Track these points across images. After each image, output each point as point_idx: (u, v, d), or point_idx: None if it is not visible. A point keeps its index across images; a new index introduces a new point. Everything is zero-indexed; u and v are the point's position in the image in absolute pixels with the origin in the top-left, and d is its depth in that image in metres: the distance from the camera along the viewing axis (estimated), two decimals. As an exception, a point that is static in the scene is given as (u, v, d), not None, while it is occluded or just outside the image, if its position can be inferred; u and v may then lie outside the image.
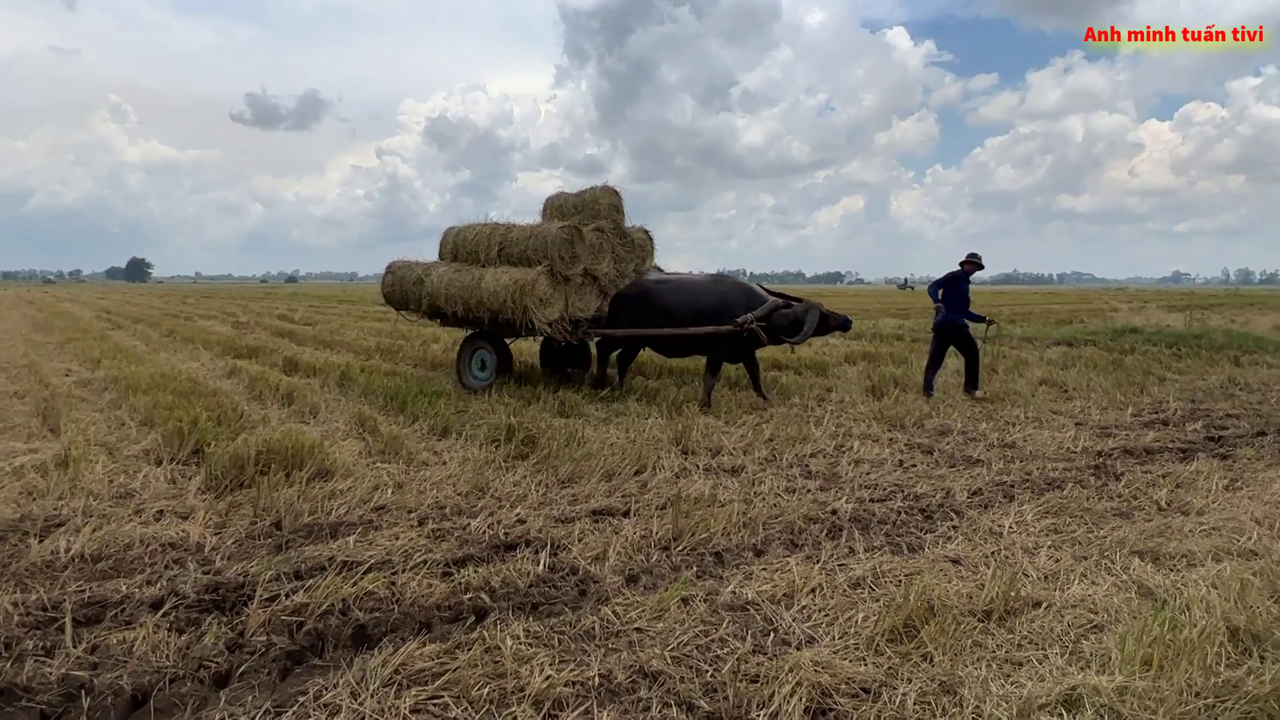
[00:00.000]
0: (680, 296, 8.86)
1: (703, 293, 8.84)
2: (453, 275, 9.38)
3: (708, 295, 8.78)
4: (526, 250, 9.10)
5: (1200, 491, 5.31)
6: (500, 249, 9.35)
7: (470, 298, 9.07)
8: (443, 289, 9.36)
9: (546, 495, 5.17)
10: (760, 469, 5.89)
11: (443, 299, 9.36)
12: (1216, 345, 14.13)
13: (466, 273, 9.32)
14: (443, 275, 9.44)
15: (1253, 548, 4.15)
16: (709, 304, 8.68)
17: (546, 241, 8.92)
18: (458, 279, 9.30)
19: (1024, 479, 5.64)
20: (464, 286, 9.17)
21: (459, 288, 9.23)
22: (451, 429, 6.89)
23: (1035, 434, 7.21)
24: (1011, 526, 4.57)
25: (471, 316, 9.22)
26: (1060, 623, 3.23)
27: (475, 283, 9.08)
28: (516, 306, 8.66)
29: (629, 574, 3.83)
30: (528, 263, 9.04)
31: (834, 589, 3.63)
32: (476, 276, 9.14)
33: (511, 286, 8.70)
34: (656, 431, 6.85)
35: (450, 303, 9.30)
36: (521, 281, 8.67)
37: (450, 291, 9.29)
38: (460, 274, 9.35)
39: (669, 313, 8.77)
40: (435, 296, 9.44)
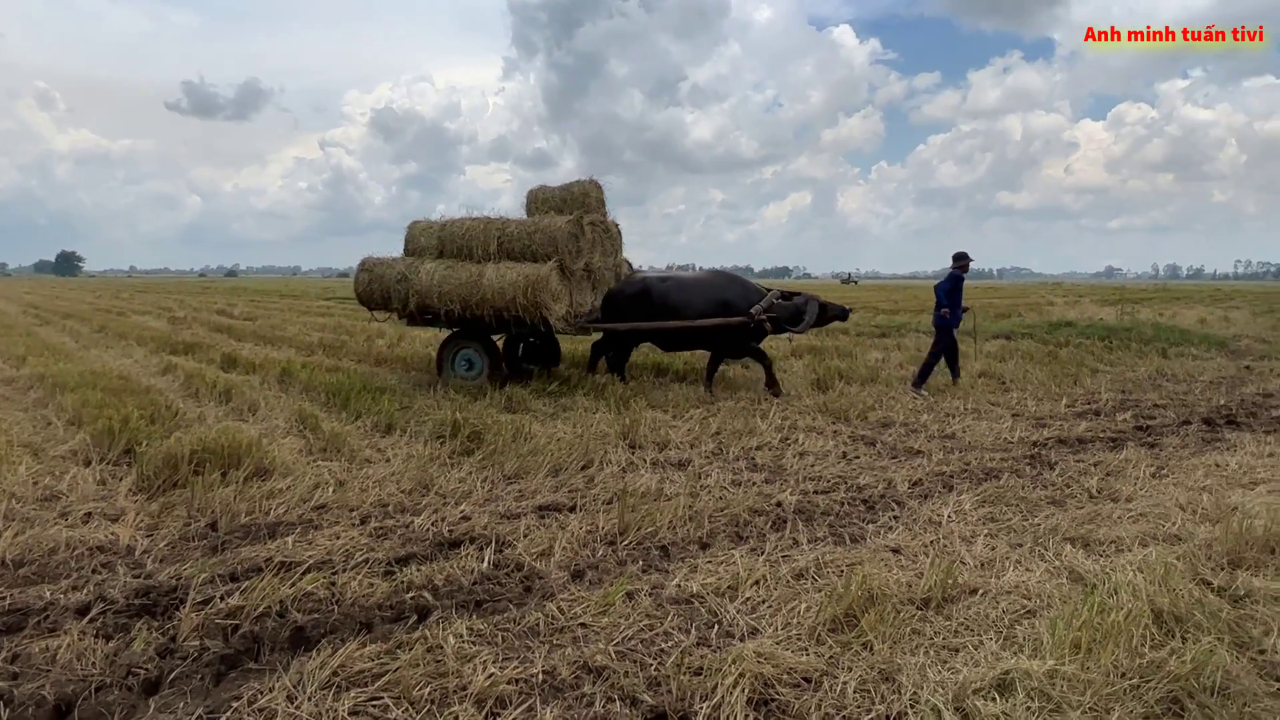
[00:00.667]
0: (686, 293, 8.97)
1: (708, 288, 9.04)
2: (445, 272, 8.98)
3: (713, 290, 9.00)
4: (531, 245, 8.91)
5: (1129, 479, 5.49)
6: (499, 244, 9.05)
7: (469, 295, 8.74)
8: (435, 287, 8.93)
9: (492, 491, 5.13)
10: (707, 462, 5.92)
11: (435, 297, 8.93)
12: (1145, 338, 14.66)
13: (462, 269, 8.95)
14: (432, 272, 9.03)
15: (1177, 532, 4.31)
16: (714, 298, 8.88)
17: (556, 236, 8.81)
18: (452, 276, 8.92)
19: (963, 469, 5.77)
20: (461, 284, 8.82)
21: (454, 285, 8.85)
22: (396, 425, 6.78)
23: (974, 425, 7.38)
24: (950, 516, 4.67)
25: (470, 315, 8.87)
26: (995, 609, 3.31)
27: (474, 280, 8.76)
28: (529, 303, 8.47)
29: (574, 569, 3.82)
30: (533, 258, 8.87)
31: (778, 580, 3.66)
32: (475, 273, 8.82)
33: (522, 282, 8.49)
34: (604, 426, 6.84)
35: (445, 301, 8.89)
36: (533, 277, 8.48)
37: (445, 289, 8.88)
38: (455, 270, 8.97)
39: (676, 309, 8.85)
40: (425, 295, 8.98)
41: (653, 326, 8.91)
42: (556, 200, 9.77)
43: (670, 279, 9.32)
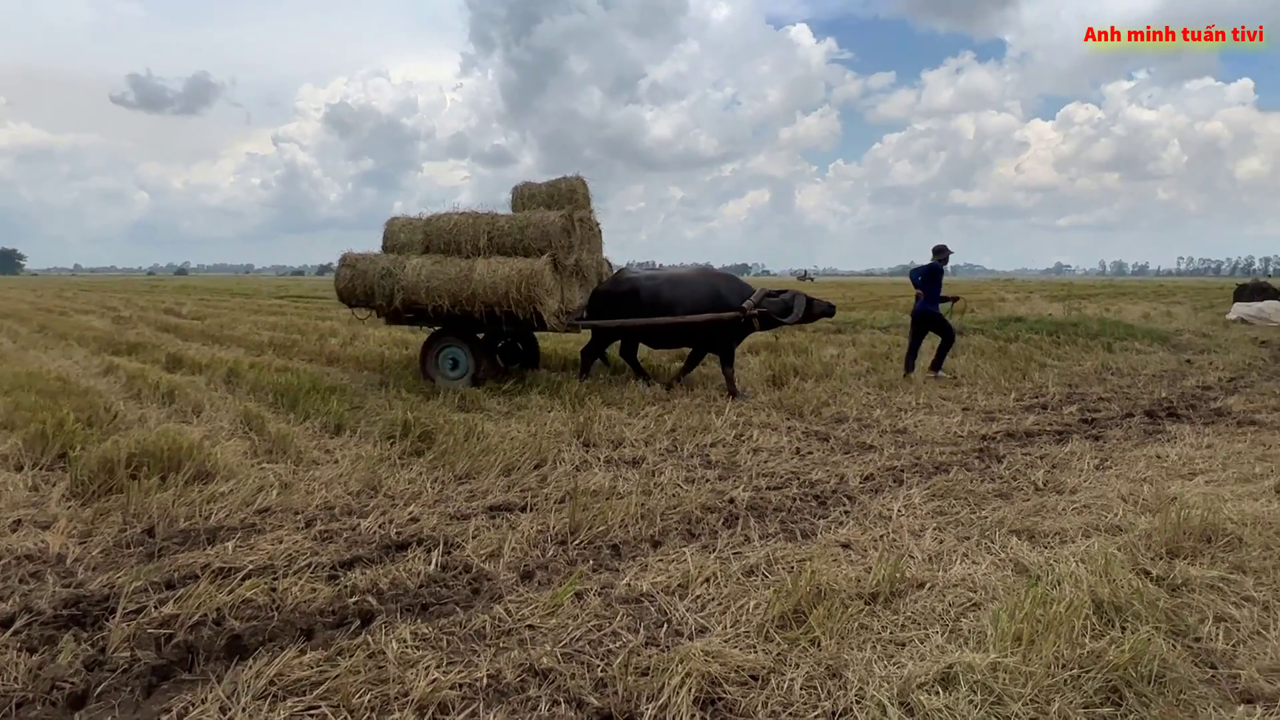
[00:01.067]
0: (678, 290, 8.94)
1: (698, 285, 9.05)
2: (433, 267, 8.78)
3: (703, 287, 9.01)
4: (524, 239, 8.81)
5: (1074, 471, 5.60)
6: (490, 238, 8.94)
7: (459, 291, 8.58)
8: (423, 283, 8.72)
9: (442, 492, 5.05)
10: (661, 459, 5.90)
11: (423, 293, 8.71)
12: (1092, 333, 15.00)
13: (450, 264, 8.77)
14: (419, 268, 8.81)
15: (1118, 523, 4.40)
16: (705, 294, 8.90)
17: (549, 230, 8.72)
18: (441, 271, 8.72)
19: (914, 464, 5.83)
20: (450, 279, 8.64)
21: (443, 280, 8.66)
22: (345, 426, 6.66)
23: (925, 420, 7.47)
24: (900, 510, 4.71)
25: (460, 312, 8.70)
26: (942, 602, 3.34)
27: (464, 275, 8.60)
28: (523, 298, 8.37)
29: (524, 570, 3.77)
30: (525, 253, 8.77)
31: (728, 578, 3.65)
32: (465, 268, 8.67)
33: (515, 277, 8.39)
34: (558, 424, 6.78)
35: (433, 297, 8.68)
36: (526, 272, 8.39)
37: (433, 285, 8.68)
38: (443, 266, 8.78)
39: (668, 305, 8.82)
40: (412, 291, 8.75)
41: (646, 323, 8.87)
42: (544, 196, 9.62)
43: (660, 276, 9.32)
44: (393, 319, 9.35)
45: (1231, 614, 3.22)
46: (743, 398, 8.41)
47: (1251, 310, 20.53)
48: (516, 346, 10.46)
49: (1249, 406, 8.18)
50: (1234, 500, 4.66)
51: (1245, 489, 4.98)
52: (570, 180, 9.62)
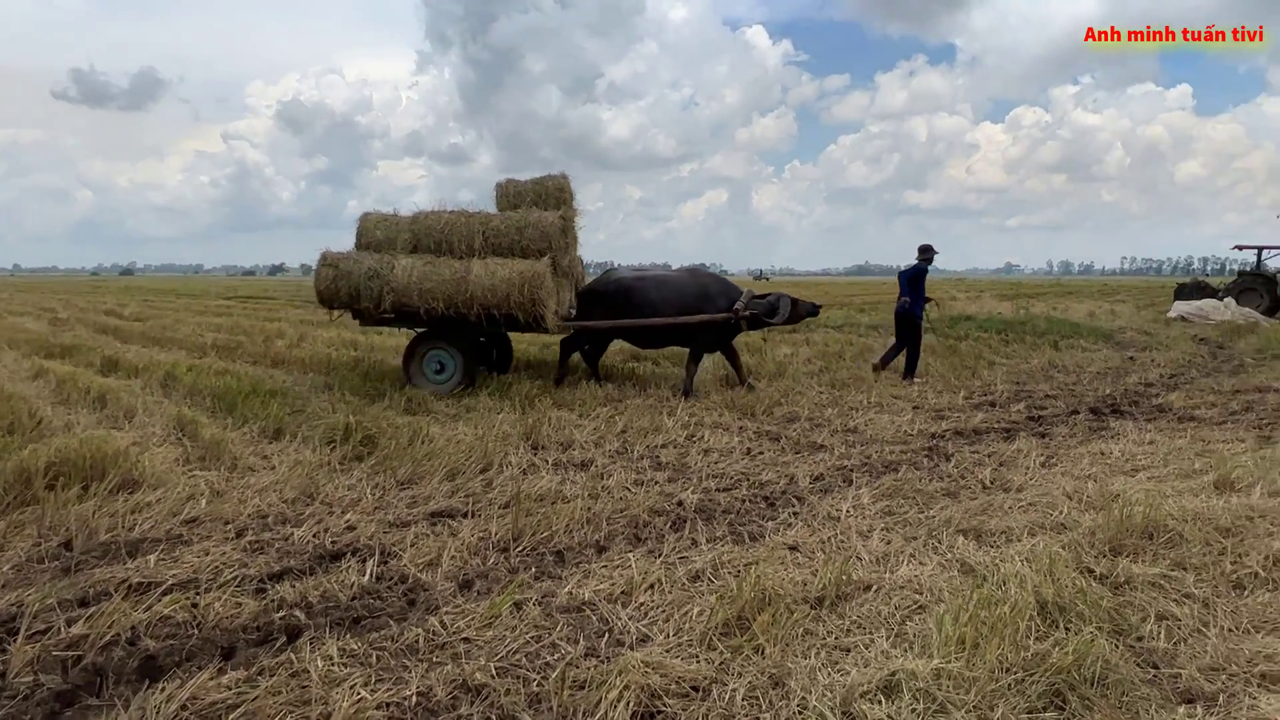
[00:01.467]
0: (666, 291, 8.92)
1: (686, 286, 9.05)
2: (426, 268, 8.43)
3: (691, 287, 9.02)
4: (521, 240, 8.58)
5: (1020, 469, 5.63)
6: (485, 239, 8.66)
7: (455, 293, 8.29)
8: (415, 284, 8.34)
9: (383, 498, 4.88)
10: (610, 462, 5.80)
11: (416, 295, 8.33)
12: (1039, 331, 15.26)
13: (444, 265, 8.45)
14: (409, 268, 8.43)
15: (1063, 521, 4.41)
16: (693, 295, 8.92)
17: (548, 230, 8.56)
18: (434, 272, 8.39)
19: (863, 463, 5.82)
20: (445, 281, 8.32)
21: (438, 282, 8.32)
22: (285, 430, 6.43)
23: (876, 418, 7.48)
24: (849, 510, 4.67)
25: (455, 315, 8.41)
26: (888, 605, 3.29)
27: (460, 277, 8.31)
28: (525, 300, 8.16)
29: (463, 580, 3.64)
30: (523, 254, 8.56)
31: (673, 583, 3.57)
32: (460, 270, 8.38)
33: (517, 279, 8.17)
34: (506, 427, 6.64)
35: (426, 299, 8.32)
36: (529, 274, 8.18)
37: (426, 287, 8.33)
38: (437, 266, 8.45)
39: (656, 306, 8.79)
40: (404, 293, 8.35)
41: (640, 324, 8.79)
42: (530, 193, 9.35)
43: (649, 277, 9.27)
44: (370, 321, 8.98)
45: (1173, 611, 3.22)
46: (694, 397, 8.38)
47: (1191, 308, 21.12)
48: (489, 350, 10.20)
49: (1189, 403, 8.35)
50: (1175, 496, 4.71)
51: (1186, 485, 5.04)
52: (556, 178, 9.38)
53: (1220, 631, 3.07)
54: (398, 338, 14.09)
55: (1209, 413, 7.85)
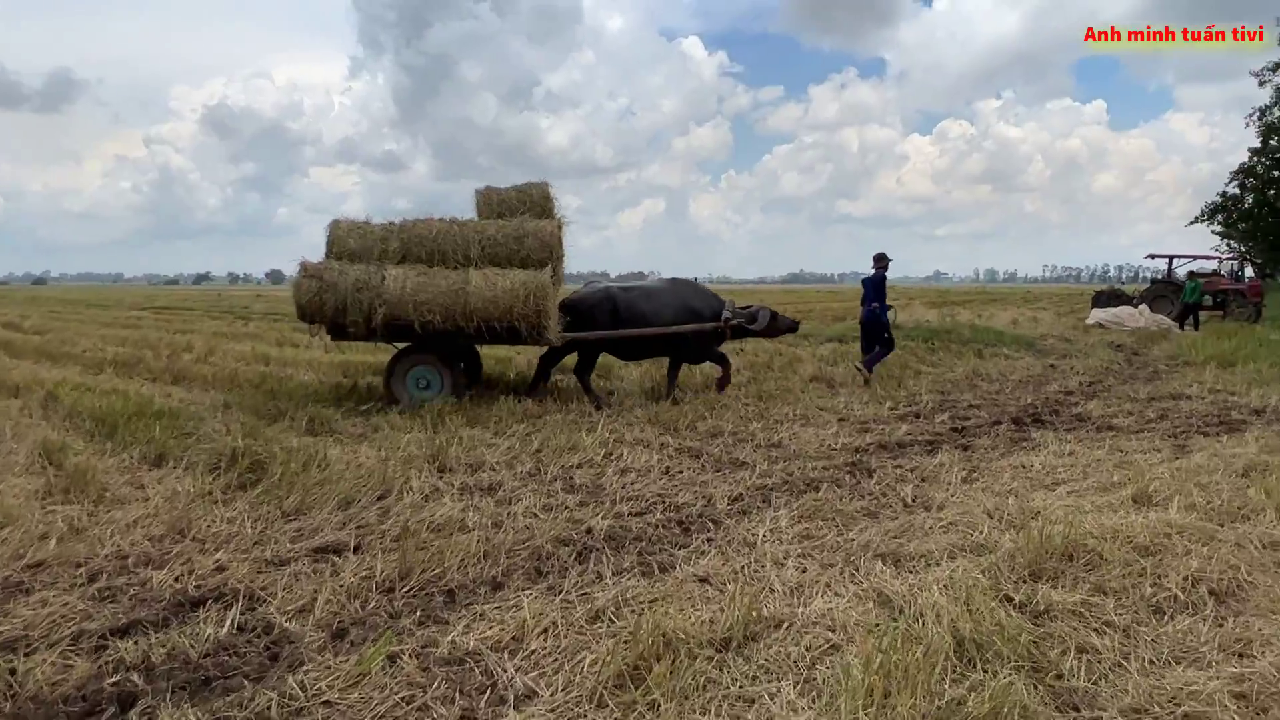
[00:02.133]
0: (653, 302, 8.89)
1: (673, 296, 9.09)
2: (421, 279, 7.99)
3: (676, 297, 9.08)
4: (521, 250, 8.29)
5: (942, 485, 5.50)
6: (482, 248, 8.28)
7: (453, 305, 7.90)
8: (410, 296, 7.87)
9: (265, 532, 4.47)
10: (521, 485, 5.48)
11: (411, 308, 7.87)
12: (964, 339, 15.45)
13: (440, 276, 8.04)
14: (401, 279, 7.95)
15: (983, 542, 4.26)
16: (679, 305, 8.97)
17: (549, 240, 8.33)
18: (430, 283, 7.95)
19: (784, 481, 5.61)
20: (442, 292, 7.91)
21: (433, 294, 7.90)
22: (169, 456, 5.93)
23: (801, 432, 7.32)
24: (766, 535, 4.44)
25: (452, 328, 8.01)
26: (798, 646, 3.05)
27: (459, 288, 7.93)
28: (529, 312, 7.91)
29: (337, 628, 3.28)
30: (522, 263, 8.26)
31: (570, 626, 3.27)
32: (458, 280, 7.99)
33: (520, 290, 7.90)
34: (413, 448, 6.25)
35: (422, 312, 7.88)
36: (533, 285, 7.93)
37: (422, 298, 7.88)
38: (432, 277, 8.02)
39: (647, 317, 8.75)
40: (398, 305, 7.87)
41: (638, 334, 8.70)
42: (513, 201, 9.00)
43: (636, 288, 9.15)
44: (347, 337, 8.41)
45: (1093, 643, 3.05)
46: (610, 411, 8.13)
47: (1107, 315, 21.77)
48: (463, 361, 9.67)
49: (1107, 411, 8.42)
50: (1094, 512, 4.61)
51: (1105, 499, 4.96)
52: (539, 186, 9.13)
53: (1141, 665, 2.92)
54: (313, 351, 13.50)
55: (1126, 421, 7.91)
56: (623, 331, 8.72)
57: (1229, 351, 12.48)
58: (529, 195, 9.03)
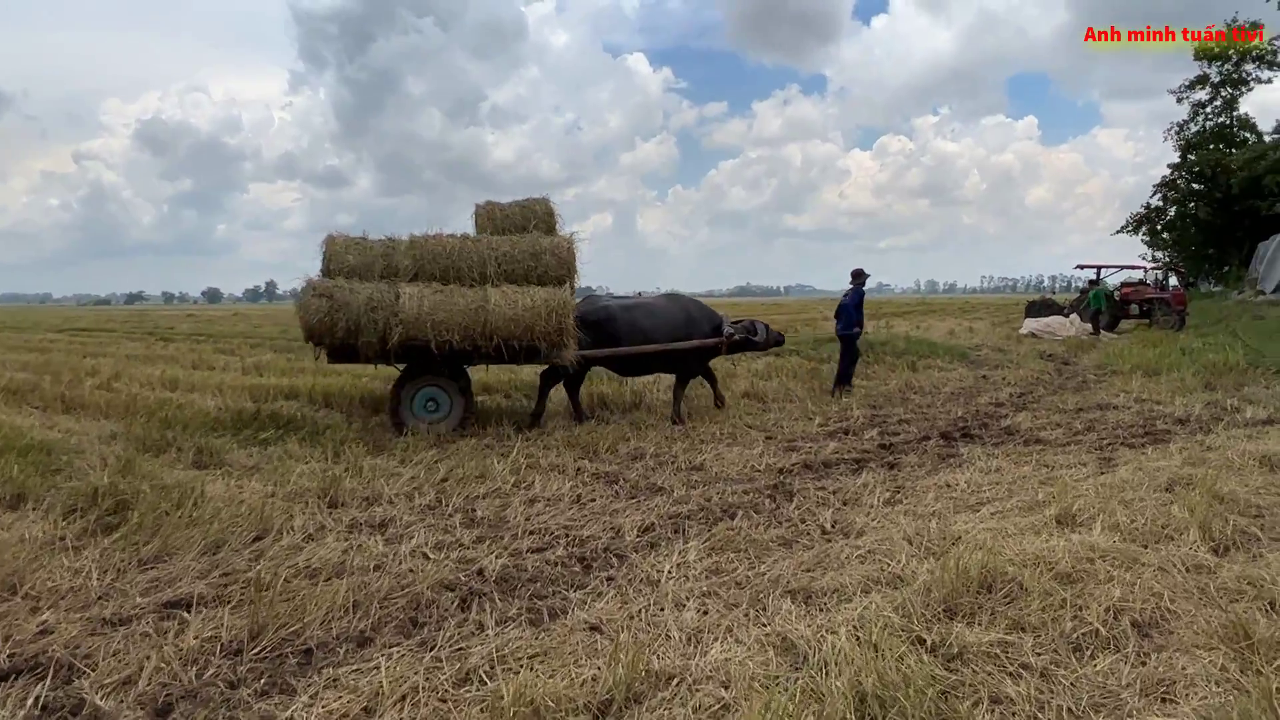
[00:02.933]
0: (656, 318, 8.81)
1: (675, 312, 9.03)
2: (437, 297, 7.60)
3: (678, 314, 9.02)
4: (538, 266, 8.08)
5: (864, 508, 5.25)
6: (499, 265, 7.99)
7: (472, 324, 7.58)
8: (427, 315, 7.47)
9: (113, 584, 3.98)
10: (416, 520, 5.07)
11: (429, 327, 7.47)
12: (899, 351, 15.40)
13: (458, 294, 7.68)
14: (417, 297, 7.54)
15: (900, 572, 3.99)
16: (681, 321, 8.91)
17: (565, 257, 8.17)
18: (448, 302, 7.58)
19: (700, 508, 5.30)
20: (460, 311, 7.57)
21: (452, 313, 7.54)
22: (29, 495, 5.38)
23: (725, 452, 7.04)
24: (672, 571, 4.12)
25: (470, 348, 7.68)
26: (685, 708, 2.72)
27: (478, 306, 7.62)
28: (551, 330, 7.75)
29: (162, 703, 2.84)
30: (540, 281, 8.06)
31: (433, 691, 2.89)
32: (477, 299, 7.66)
33: (542, 308, 7.71)
34: (306, 480, 5.80)
35: (440, 331, 7.50)
36: (554, 302, 7.78)
37: (440, 318, 7.50)
38: (450, 295, 7.65)
39: (649, 333, 8.65)
40: (415, 325, 7.45)
41: (635, 351, 8.58)
42: (517, 217, 8.70)
43: (638, 304, 9.06)
44: (342, 358, 7.94)
45: (1007, 692, 2.78)
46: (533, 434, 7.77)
47: (1040, 325, 22.12)
48: None
49: (1035, 424, 8.32)
50: (1016, 536, 4.39)
51: (1028, 520, 4.75)
52: (542, 201, 8.87)
53: (1058, 716, 2.65)
54: (227, 374, 12.84)
55: (1054, 434, 7.81)
56: (636, 349, 8.57)
57: (1154, 360, 12.62)
58: (532, 211, 8.75)
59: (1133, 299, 24.56)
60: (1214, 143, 41.16)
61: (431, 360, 7.76)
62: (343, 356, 7.91)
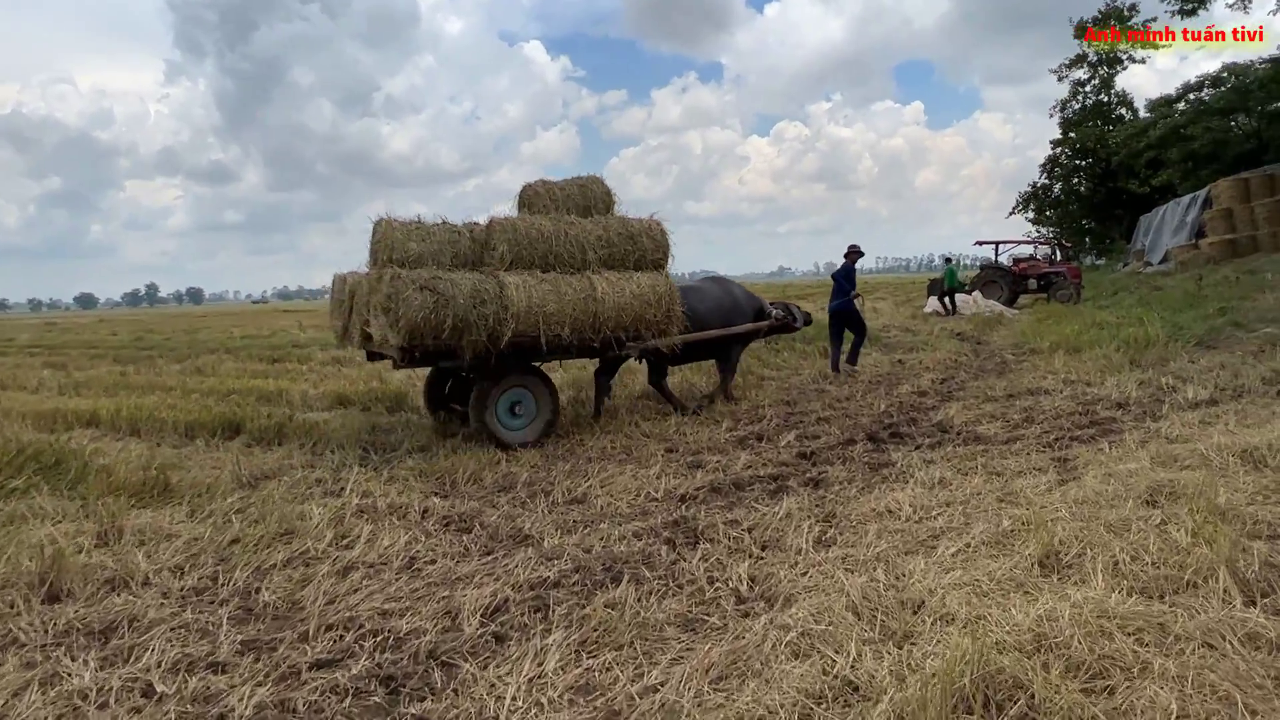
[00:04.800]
0: (708, 303, 8.35)
1: (724, 295, 8.70)
2: (544, 287, 6.74)
3: (726, 297, 8.71)
4: (636, 250, 7.50)
5: (789, 554, 4.01)
6: (596, 250, 7.27)
7: (583, 315, 6.85)
8: (537, 307, 6.59)
9: None
10: (166, 617, 3.52)
11: (540, 321, 6.60)
12: (808, 337, 14.41)
13: (564, 283, 6.87)
14: (525, 288, 6.61)
15: (852, 676, 2.73)
16: (730, 305, 8.59)
17: (661, 240, 7.66)
18: (555, 292, 6.75)
19: (575, 568, 3.93)
20: (570, 302, 6.78)
21: (562, 304, 6.74)
22: None
23: (616, 475, 5.70)
24: (520, 693, 2.76)
25: (578, 342, 7.00)
26: None
27: (588, 295, 6.88)
28: (659, 318, 7.33)
29: None
30: (638, 266, 7.51)
31: None
32: (585, 288, 6.92)
33: (650, 295, 7.24)
34: (25, 558, 4.15)
35: (551, 325, 6.67)
36: (661, 288, 7.35)
37: (550, 309, 6.66)
38: (556, 285, 6.82)
39: (705, 319, 8.15)
40: (525, 320, 6.54)
41: (714, 335, 8.19)
42: (578, 197, 7.84)
43: (687, 289, 8.26)
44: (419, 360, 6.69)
45: None
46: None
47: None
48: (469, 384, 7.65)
49: (968, 416, 7.32)
50: (997, 596, 3.23)
51: (1004, 567, 3.59)
52: (595, 179, 8.09)
53: None
54: (31, 397, 10.75)
55: (992, 428, 6.81)
56: (706, 333, 8.05)
57: (1073, 336, 11.96)
58: (590, 190, 7.95)
59: (1030, 274, 24.55)
60: (1093, 120, 42.41)
61: (507, 358, 6.79)
62: (424, 359, 6.69)
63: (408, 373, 9.38)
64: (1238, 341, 10.62)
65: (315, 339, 20.22)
